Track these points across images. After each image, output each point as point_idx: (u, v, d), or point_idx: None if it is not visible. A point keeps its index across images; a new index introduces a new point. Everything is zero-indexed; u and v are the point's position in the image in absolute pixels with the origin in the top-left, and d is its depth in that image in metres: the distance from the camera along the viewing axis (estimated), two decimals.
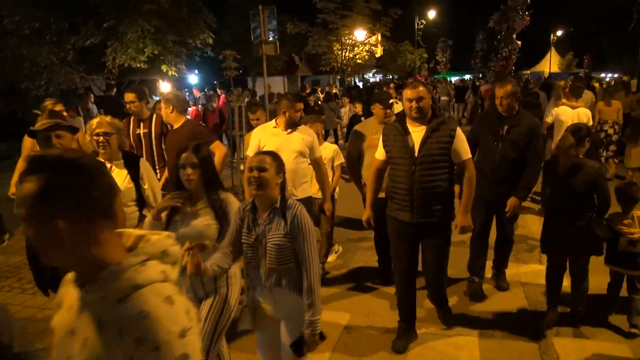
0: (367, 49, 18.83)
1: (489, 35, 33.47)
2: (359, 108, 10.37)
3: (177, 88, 21.21)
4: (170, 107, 4.56)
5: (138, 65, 12.61)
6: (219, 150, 4.64)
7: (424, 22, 31.76)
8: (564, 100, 7.01)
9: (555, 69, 43.29)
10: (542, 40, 44.50)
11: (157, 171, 5.00)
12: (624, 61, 41.28)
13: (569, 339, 3.98)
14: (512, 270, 5.24)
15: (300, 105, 4.28)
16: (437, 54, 44.73)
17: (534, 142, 4.25)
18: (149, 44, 12.30)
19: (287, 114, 4.27)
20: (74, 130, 3.19)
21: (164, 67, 13.33)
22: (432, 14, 33.49)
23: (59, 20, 12.06)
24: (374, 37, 18.97)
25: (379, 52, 20.87)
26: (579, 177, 3.77)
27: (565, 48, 47.47)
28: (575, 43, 47.87)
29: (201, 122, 14.31)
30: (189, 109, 16.03)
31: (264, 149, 4.00)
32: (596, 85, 20.40)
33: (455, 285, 4.90)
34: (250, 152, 4.35)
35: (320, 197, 4.81)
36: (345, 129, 10.31)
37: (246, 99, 15.19)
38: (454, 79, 34.54)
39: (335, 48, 18.01)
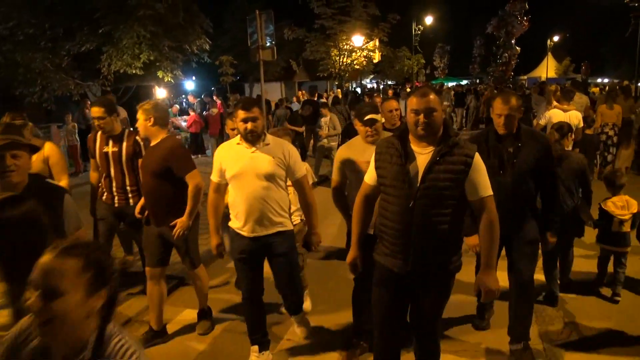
0: (364, 54, 18.73)
1: (487, 40, 33.48)
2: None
3: (173, 94, 21.18)
4: (151, 119, 3.82)
5: (134, 72, 12.49)
6: (192, 181, 3.80)
7: (422, 27, 31.73)
8: (555, 103, 7.48)
9: (552, 74, 43.36)
10: (539, 45, 44.63)
11: (130, 197, 4.48)
12: (622, 66, 41.41)
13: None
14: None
15: (254, 112, 3.25)
16: (435, 59, 44.80)
17: (547, 163, 3.56)
18: (144, 49, 12.18)
19: (241, 126, 3.30)
20: (33, 149, 2.73)
21: (160, 73, 13.21)
22: (429, 20, 33.46)
23: (54, 26, 11.93)
24: (371, 43, 18.89)
25: (376, 57, 20.80)
26: (564, 167, 4.36)
27: (562, 53, 47.60)
28: (572, 48, 48.04)
29: (204, 127, 14.25)
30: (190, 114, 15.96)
31: (227, 174, 3.40)
32: (595, 90, 20.40)
33: (464, 291, 4.75)
34: (213, 176, 3.51)
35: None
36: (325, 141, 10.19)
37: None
38: (451, 84, 34.52)
39: (333, 54, 17.91)
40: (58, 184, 4.06)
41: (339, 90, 19.20)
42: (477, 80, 37.68)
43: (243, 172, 3.31)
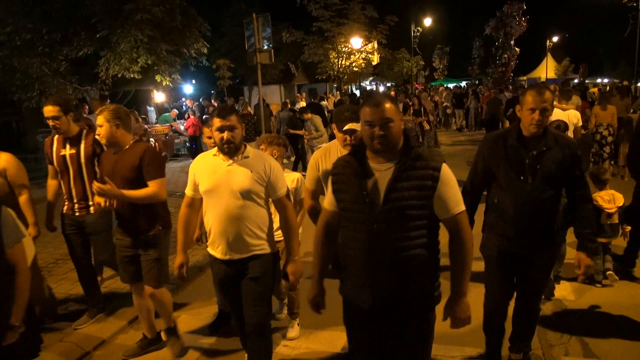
0: (363, 56, 18.71)
1: (487, 41, 33.47)
2: None
3: (172, 98, 21.17)
4: (116, 123, 3.52)
5: (132, 76, 12.45)
6: (153, 188, 3.49)
7: (420, 29, 31.74)
8: (555, 103, 7.60)
9: (551, 74, 43.35)
10: (538, 46, 44.67)
11: (91, 205, 4.14)
12: (620, 66, 41.42)
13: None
14: None
15: (230, 121, 2.94)
16: (434, 60, 44.82)
17: (577, 172, 3.07)
18: (142, 53, 12.14)
19: (217, 136, 2.98)
20: None
21: (158, 77, 13.17)
22: (428, 22, 33.47)
23: (51, 31, 11.90)
24: (370, 45, 18.87)
25: (375, 59, 20.79)
26: None
27: (561, 54, 47.62)
28: (571, 49, 48.04)
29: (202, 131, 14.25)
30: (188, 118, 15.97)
31: (200, 188, 3.11)
32: (594, 90, 20.47)
33: None
34: (187, 189, 3.22)
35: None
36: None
37: (239, 108, 15.10)
38: (450, 85, 34.51)
39: (331, 56, 17.89)
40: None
41: (338, 92, 19.21)
42: (477, 82, 37.63)
43: (217, 187, 3.00)
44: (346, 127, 3.20)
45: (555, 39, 44.83)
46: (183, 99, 21.82)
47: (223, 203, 3.00)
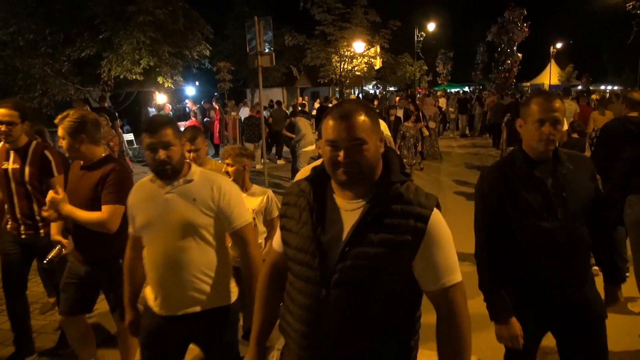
0: (365, 60, 18.72)
1: (490, 47, 33.48)
2: None
3: (175, 100, 21.23)
4: (79, 138, 2.91)
5: (134, 77, 12.51)
6: (105, 214, 2.84)
7: (424, 34, 31.76)
8: None
9: (555, 81, 43.33)
10: (542, 52, 44.70)
11: (40, 226, 3.51)
12: (624, 73, 41.38)
13: None
14: None
15: (164, 136, 2.24)
16: (438, 65, 44.84)
17: (597, 190, 2.42)
18: (144, 55, 12.20)
19: (149, 157, 2.29)
20: None
21: (159, 79, 13.22)
22: (431, 27, 33.49)
23: (54, 32, 11.97)
24: (372, 49, 18.87)
25: (378, 64, 20.78)
26: None
27: (565, 60, 47.61)
28: (575, 55, 48.07)
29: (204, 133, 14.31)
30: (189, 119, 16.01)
31: (136, 224, 2.42)
32: (595, 97, 20.55)
33: None
34: (129, 227, 2.52)
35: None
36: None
37: (243, 109, 15.13)
38: (453, 90, 34.53)
39: (333, 60, 17.90)
40: None
41: (333, 97, 19.24)
42: (480, 87, 37.63)
43: (152, 222, 2.31)
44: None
45: (559, 45, 44.80)
46: (186, 101, 21.88)
47: (159, 243, 2.31)
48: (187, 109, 19.31)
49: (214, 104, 14.89)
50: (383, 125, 5.62)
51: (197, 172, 2.40)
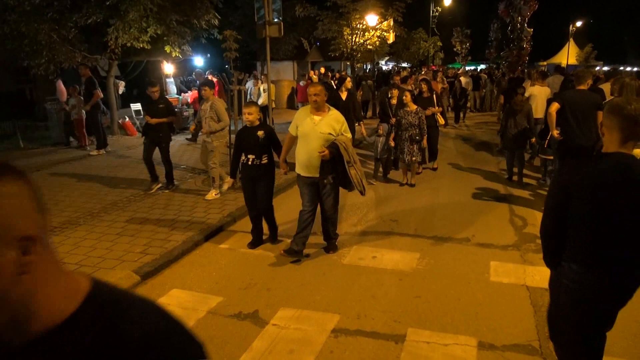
0: (378, 34, 18.23)
1: (503, 24, 32.73)
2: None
3: (185, 71, 20.96)
4: None
5: (141, 46, 12.26)
6: None
7: (439, 9, 30.94)
8: (536, 82, 10.14)
9: (573, 60, 42.34)
10: (560, 31, 43.60)
11: None
12: None
13: None
14: (518, 272, 4.89)
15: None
16: (455, 44, 43.97)
17: None
18: (152, 23, 11.91)
19: None
20: None
21: (167, 48, 12.96)
22: (448, 1, 32.63)
23: None
24: (385, 23, 18.37)
25: (391, 38, 20.25)
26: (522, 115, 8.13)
27: (584, 40, 46.41)
28: (594, 35, 46.82)
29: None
30: (190, 92, 15.83)
31: None
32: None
33: (461, 284, 4.56)
34: None
35: None
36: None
37: (248, 82, 14.88)
38: (468, 68, 33.83)
39: (345, 33, 17.45)
40: None
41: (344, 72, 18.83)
42: (494, 66, 36.81)
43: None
44: None
45: (578, 24, 43.60)
46: (194, 73, 21.62)
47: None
48: (197, 81, 19.12)
49: (209, 76, 14.70)
50: (338, 121, 5.19)
51: None
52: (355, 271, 5.03)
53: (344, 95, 9.79)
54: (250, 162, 5.47)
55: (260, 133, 5.44)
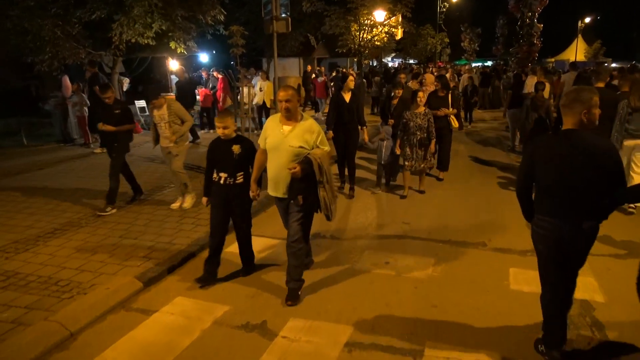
0: (386, 30, 17.99)
1: (510, 20, 32.35)
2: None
3: (191, 68, 20.75)
4: None
5: (146, 42, 12.04)
6: None
7: (447, 4, 30.62)
8: (539, 78, 10.54)
9: (581, 57, 41.88)
10: (568, 27, 43.15)
11: None
12: None
13: None
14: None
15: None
16: (463, 41, 43.60)
17: None
18: (156, 19, 11.69)
19: None
20: None
21: (172, 44, 12.74)
22: None
23: None
24: (394, 18, 18.13)
25: (399, 34, 20.03)
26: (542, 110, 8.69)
27: (592, 36, 45.92)
28: (603, 31, 46.30)
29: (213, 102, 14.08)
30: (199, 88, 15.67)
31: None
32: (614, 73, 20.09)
33: (479, 292, 4.33)
34: None
35: None
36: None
37: (255, 78, 14.66)
38: (475, 65, 33.50)
39: (353, 29, 17.21)
40: None
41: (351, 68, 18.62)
42: (502, 62, 36.45)
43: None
44: None
45: (587, 20, 43.12)
46: (200, 70, 21.44)
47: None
48: (203, 78, 18.95)
49: (214, 74, 14.53)
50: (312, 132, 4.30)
51: None
52: (367, 278, 4.81)
53: (347, 97, 7.71)
54: (222, 181, 4.60)
55: (235, 148, 4.58)
